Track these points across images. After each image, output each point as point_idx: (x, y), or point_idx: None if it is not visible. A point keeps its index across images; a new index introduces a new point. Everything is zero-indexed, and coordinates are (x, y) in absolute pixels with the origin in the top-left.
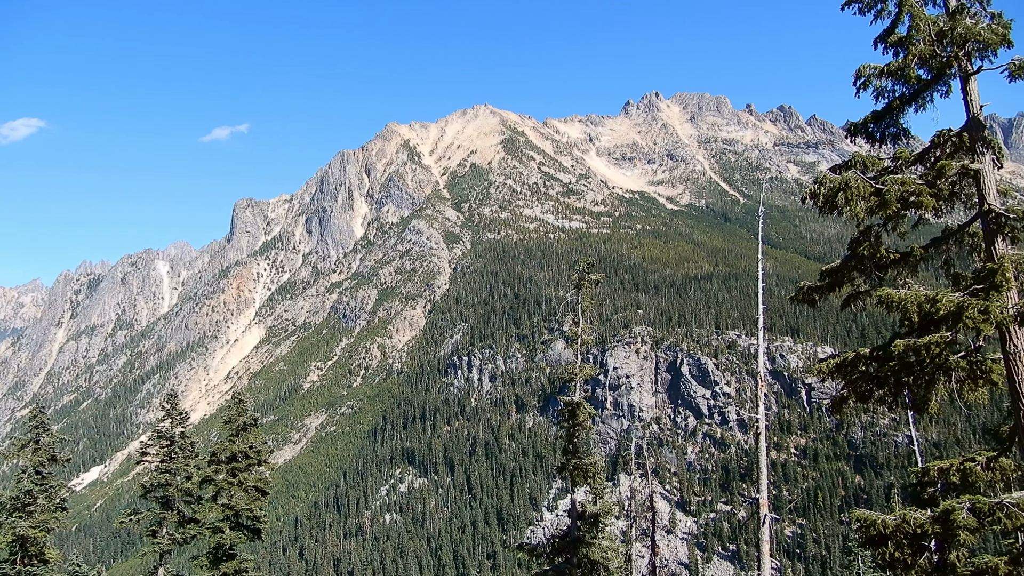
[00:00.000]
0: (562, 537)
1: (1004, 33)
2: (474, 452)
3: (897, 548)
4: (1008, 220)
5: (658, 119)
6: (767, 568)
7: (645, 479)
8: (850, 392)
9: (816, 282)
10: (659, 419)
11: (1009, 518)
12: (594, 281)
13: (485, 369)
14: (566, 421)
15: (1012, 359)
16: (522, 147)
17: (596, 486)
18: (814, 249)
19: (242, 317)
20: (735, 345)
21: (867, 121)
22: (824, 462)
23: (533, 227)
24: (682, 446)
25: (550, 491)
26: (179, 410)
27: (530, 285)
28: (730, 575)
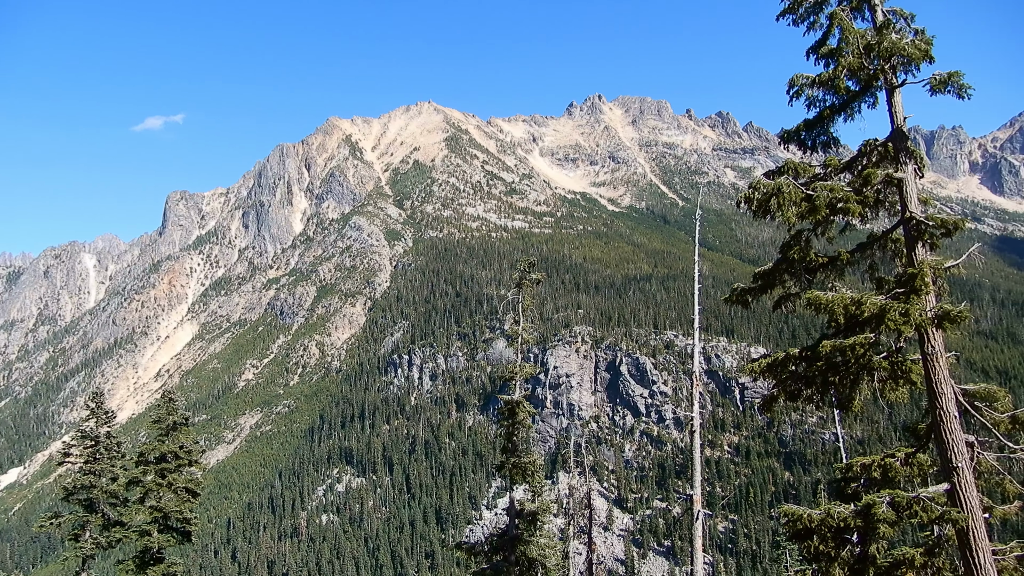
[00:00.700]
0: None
1: (926, 49)
2: (414, 451)
3: (822, 541)
4: (928, 227)
5: (601, 121)
6: (700, 563)
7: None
8: (780, 391)
9: (749, 284)
10: (598, 418)
11: (925, 511)
12: (535, 280)
13: (426, 368)
14: (506, 420)
15: (930, 360)
16: (466, 145)
17: (535, 484)
18: (749, 252)
19: (174, 313)
20: (672, 345)
21: (799, 129)
22: (756, 459)
23: (476, 226)
24: (620, 444)
25: (490, 490)
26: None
27: (472, 284)
28: (665, 571)
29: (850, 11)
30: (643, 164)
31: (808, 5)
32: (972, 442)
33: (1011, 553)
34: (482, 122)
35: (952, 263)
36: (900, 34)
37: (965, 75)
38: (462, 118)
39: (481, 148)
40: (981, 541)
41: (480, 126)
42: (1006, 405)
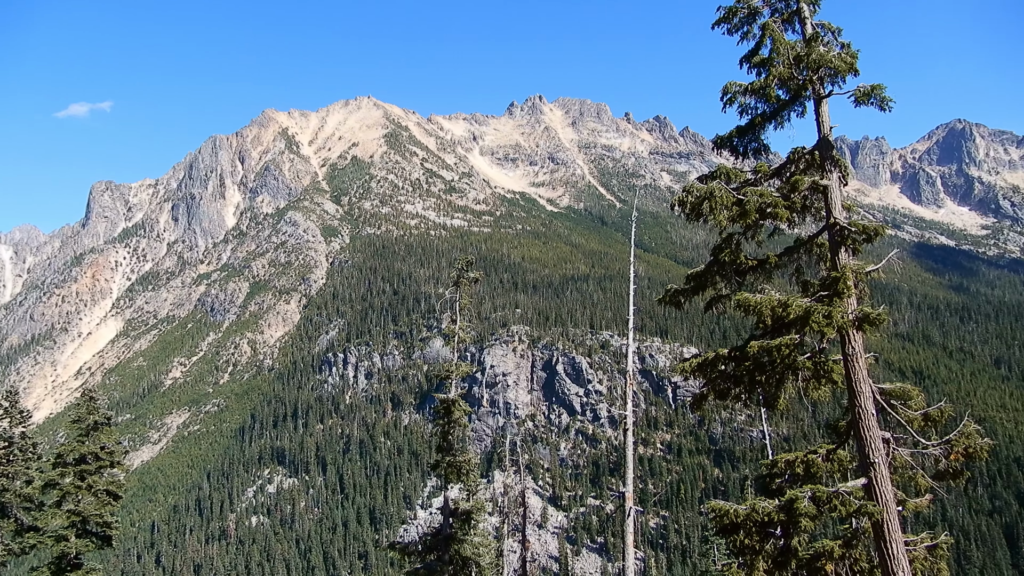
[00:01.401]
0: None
1: (852, 62)
2: (348, 451)
3: (747, 535)
4: (850, 233)
5: (541, 122)
6: (631, 559)
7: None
8: (710, 390)
9: (682, 286)
10: (534, 416)
11: (844, 505)
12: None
13: (361, 366)
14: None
15: (850, 360)
16: (405, 142)
17: (470, 483)
18: (683, 254)
19: (97, 308)
20: (608, 345)
21: (732, 135)
22: (687, 456)
23: (414, 223)
24: (556, 443)
25: (425, 489)
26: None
27: (410, 282)
28: (598, 567)
29: (781, 23)
30: (582, 166)
31: (742, 16)
32: (888, 438)
33: (921, 544)
34: (422, 119)
35: (873, 268)
36: (828, 47)
37: (887, 88)
38: (402, 114)
39: (421, 145)
40: (895, 533)
41: (420, 123)
42: (919, 403)
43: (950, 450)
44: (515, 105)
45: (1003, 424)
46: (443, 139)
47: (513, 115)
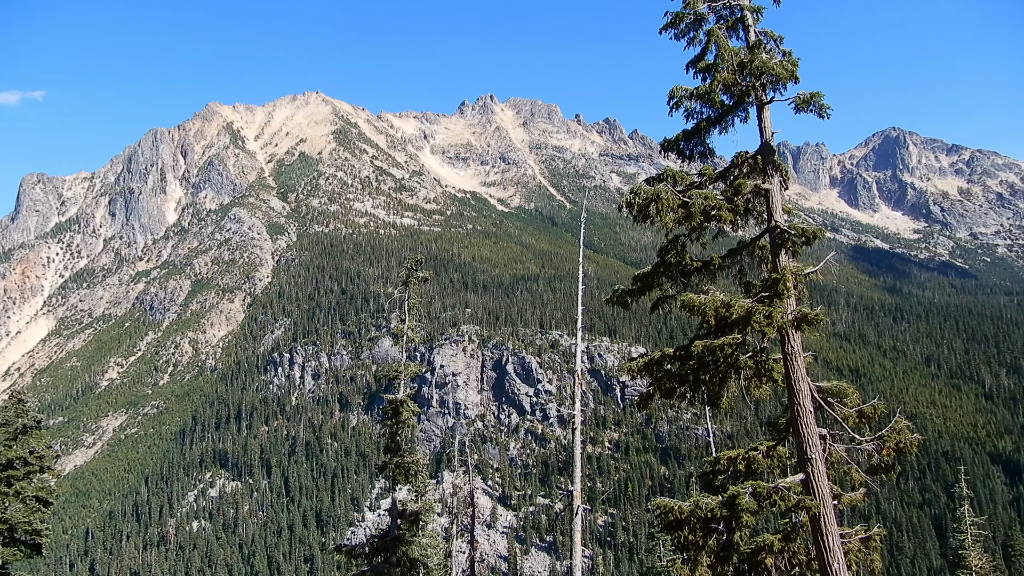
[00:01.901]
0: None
1: (792, 70)
2: (294, 453)
3: (691, 531)
4: (790, 236)
5: (492, 122)
6: (578, 557)
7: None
8: (656, 389)
9: (629, 286)
10: (484, 416)
11: (783, 500)
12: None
13: (308, 366)
14: (390, 419)
15: (789, 359)
16: (355, 139)
17: (418, 484)
18: (632, 255)
19: (27, 307)
20: (558, 344)
21: (678, 139)
22: (634, 454)
23: (363, 222)
24: (505, 442)
25: (373, 491)
26: None
27: (358, 281)
28: (546, 565)
29: (726, 30)
30: (533, 166)
31: (688, 21)
32: (825, 435)
33: (856, 536)
34: (372, 116)
35: (811, 270)
36: (770, 54)
37: (825, 96)
38: (351, 111)
39: (371, 143)
40: (831, 526)
41: (370, 120)
42: (854, 401)
43: (882, 446)
44: (466, 104)
45: (932, 420)
46: (393, 137)
47: (464, 114)
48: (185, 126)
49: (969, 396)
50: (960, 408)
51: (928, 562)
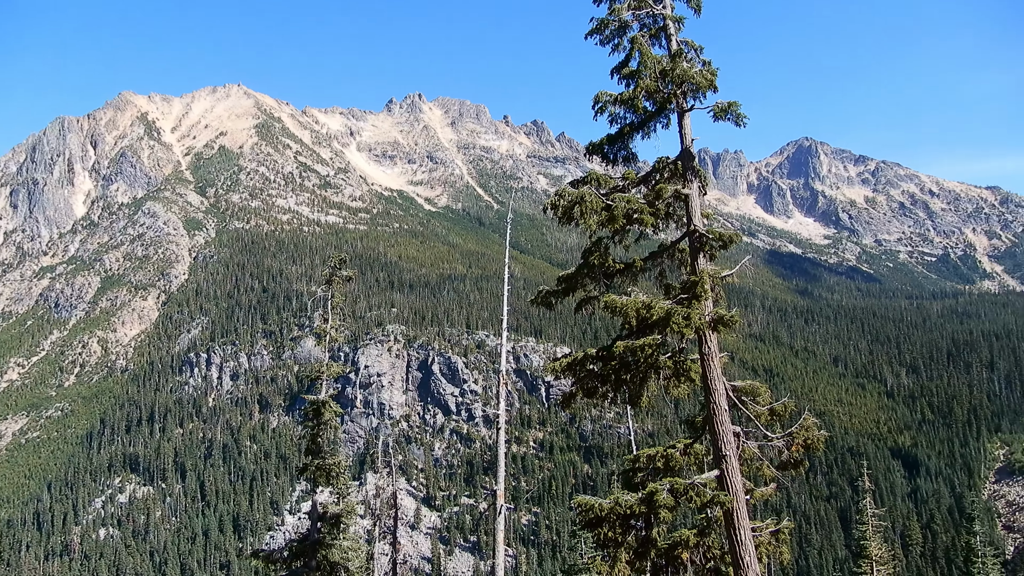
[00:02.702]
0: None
1: (711, 79)
2: (210, 456)
3: (611, 528)
4: (708, 240)
5: (420, 120)
6: (501, 556)
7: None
8: (579, 388)
9: (554, 287)
10: (409, 417)
11: (699, 496)
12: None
13: (226, 367)
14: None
15: (706, 359)
16: (278, 134)
17: (340, 486)
18: (558, 256)
19: None
20: (484, 345)
21: (603, 143)
22: (559, 453)
23: (286, 218)
24: (430, 443)
25: (293, 494)
26: None
27: (280, 279)
28: (470, 566)
29: (649, 37)
30: (461, 166)
31: (613, 28)
32: (739, 432)
33: (766, 529)
34: (297, 111)
35: (728, 273)
36: (691, 63)
37: (742, 106)
38: (275, 105)
39: (295, 138)
40: (743, 520)
41: (295, 115)
42: (766, 399)
43: (792, 442)
44: (394, 102)
45: (839, 417)
46: (319, 133)
47: (392, 112)
48: (96, 115)
49: (872, 394)
50: (864, 406)
51: (834, 553)
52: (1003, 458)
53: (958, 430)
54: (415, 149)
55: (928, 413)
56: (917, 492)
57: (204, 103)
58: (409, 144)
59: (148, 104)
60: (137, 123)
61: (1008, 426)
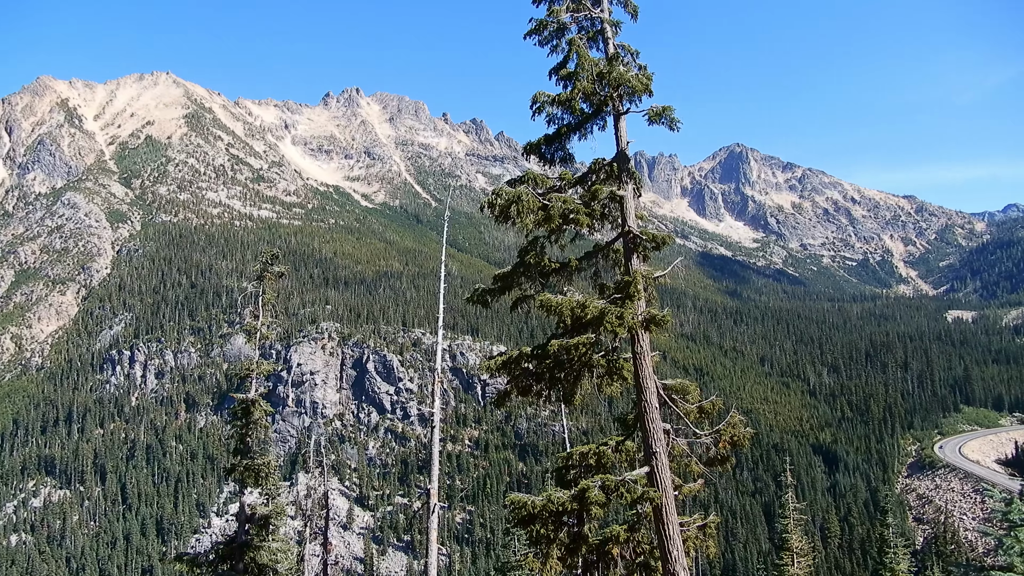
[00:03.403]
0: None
1: (647, 83)
2: (133, 457)
3: (543, 525)
4: (642, 241)
5: (358, 115)
6: (433, 555)
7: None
8: (513, 386)
9: (490, 285)
10: (342, 415)
11: (629, 492)
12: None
13: (151, 365)
14: (240, 420)
15: (639, 358)
16: (209, 125)
17: (270, 487)
18: (496, 255)
19: None
20: (420, 342)
21: (540, 143)
22: (494, 452)
23: (217, 212)
24: (364, 442)
25: (221, 495)
26: None
27: (210, 275)
28: (403, 565)
29: (587, 40)
30: (399, 163)
31: (551, 29)
32: (668, 429)
33: (694, 524)
34: (229, 102)
35: (660, 273)
36: (627, 67)
37: (676, 110)
38: (206, 95)
39: (227, 129)
40: (671, 515)
41: (227, 106)
42: (695, 397)
43: (719, 439)
44: (331, 96)
45: (765, 415)
46: (252, 125)
47: (329, 106)
48: (11, 100)
49: (796, 393)
50: (789, 404)
51: (759, 546)
52: (915, 453)
53: (874, 427)
54: (352, 144)
55: (847, 411)
56: (836, 486)
57: (130, 91)
58: (346, 139)
59: (69, 90)
60: (57, 109)
61: (920, 423)
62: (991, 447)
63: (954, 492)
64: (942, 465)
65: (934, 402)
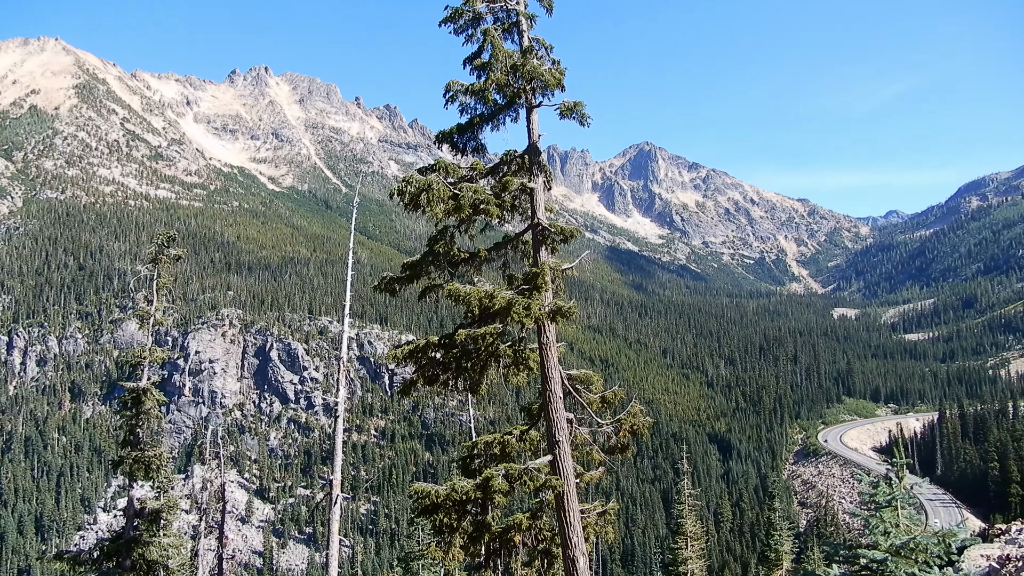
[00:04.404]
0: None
1: (560, 78)
2: (9, 450)
3: (446, 514)
4: (551, 234)
5: (266, 95)
6: (335, 546)
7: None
8: (420, 376)
9: (398, 274)
10: (243, 405)
11: (532, 480)
12: (174, 256)
13: (32, 351)
14: (129, 410)
15: (545, 348)
16: (102, 97)
17: (161, 480)
18: (407, 243)
19: None
20: (327, 331)
21: (453, 132)
22: (401, 442)
23: (110, 190)
24: (265, 432)
25: (109, 489)
26: None
27: (100, 256)
28: (305, 558)
29: (502, 32)
30: (308, 146)
31: (467, 18)
32: (571, 419)
33: (594, 511)
34: (125, 74)
35: (568, 266)
36: (541, 60)
37: (587, 106)
38: (100, 65)
39: (122, 103)
40: (572, 502)
41: (122, 78)
42: (599, 387)
43: (620, 428)
44: (237, 73)
45: (666, 405)
46: (150, 99)
47: (235, 84)
48: None
49: (695, 384)
50: (688, 394)
51: (656, 531)
52: (800, 442)
53: (765, 417)
54: (259, 125)
55: (742, 401)
56: (730, 473)
57: (12, 56)
58: (253, 119)
59: None
60: None
61: (806, 413)
62: (868, 436)
63: (835, 478)
64: (825, 453)
65: (820, 394)
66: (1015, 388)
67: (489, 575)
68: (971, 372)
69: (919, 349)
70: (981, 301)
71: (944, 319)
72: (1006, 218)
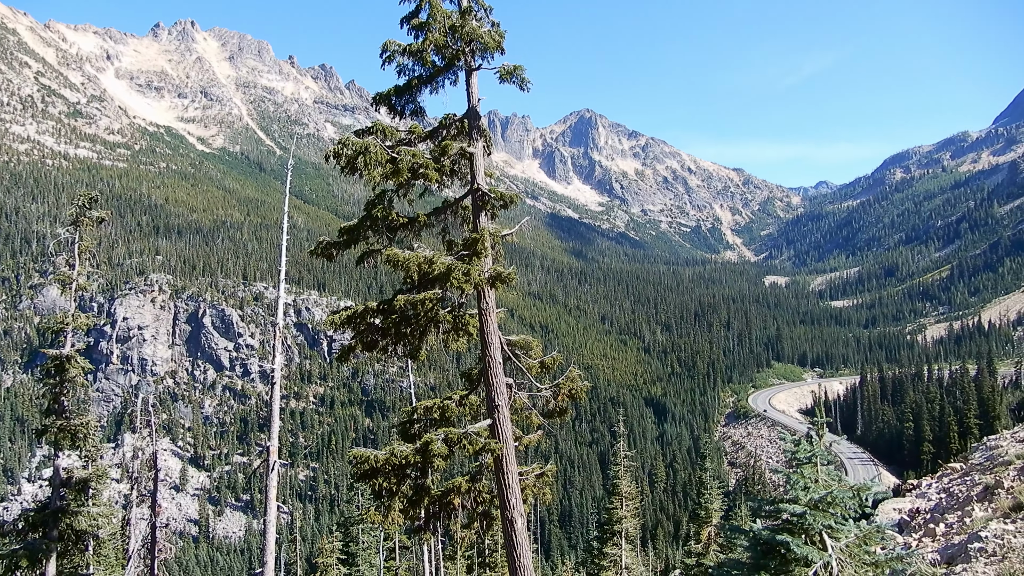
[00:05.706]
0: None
1: (499, 41)
2: None
3: (385, 479)
4: (490, 199)
5: (193, 51)
6: (272, 513)
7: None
8: (358, 342)
9: (335, 238)
10: (175, 373)
11: (471, 444)
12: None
13: None
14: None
15: (484, 314)
16: (13, 48)
17: (89, 448)
18: (344, 208)
19: None
20: (262, 297)
21: (390, 93)
22: (340, 408)
23: (24, 148)
24: (199, 400)
25: (33, 459)
26: None
27: (16, 219)
28: (242, 525)
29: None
30: (240, 106)
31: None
32: (511, 384)
33: (532, 473)
34: (38, 24)
35: (508, 232)
36: (480, 22)
37: (527, 70)
38: (8, 14)
39: (35, 56)
40: (511, 465)
41: (35, 28)
42: (538, 353)
43: (558, 392)
44: (161, 27)
45: (604, 370)
46: (67, 52)
47: (159, 38)
48: None
49: (633, 350)
50: (625, 360)
51: (593, 492)
52: (732, 405)
53: (699, 381)
54: (187, 82)
55: (677, 366)
56: (664, 436)
57: None
58: (180, 76)
59: None
60: None
61: (738, 377)
62: (795, 399)
63: (763, 439)
64: (754, 415)
65: (751, 359)
66: (930, 353)
67: (429, 537)
68: (891, 338)
69: (844, 316)
70: (902, 270)
71: (868, 287)
72: (927, 190)
